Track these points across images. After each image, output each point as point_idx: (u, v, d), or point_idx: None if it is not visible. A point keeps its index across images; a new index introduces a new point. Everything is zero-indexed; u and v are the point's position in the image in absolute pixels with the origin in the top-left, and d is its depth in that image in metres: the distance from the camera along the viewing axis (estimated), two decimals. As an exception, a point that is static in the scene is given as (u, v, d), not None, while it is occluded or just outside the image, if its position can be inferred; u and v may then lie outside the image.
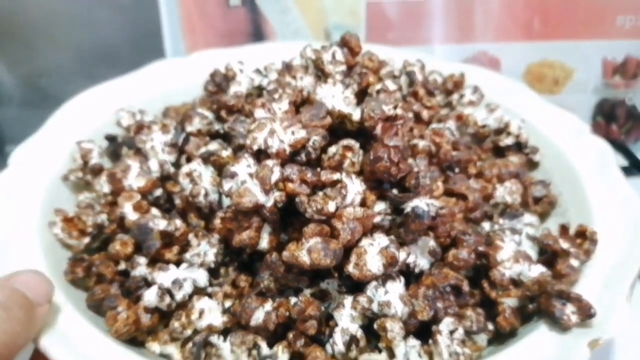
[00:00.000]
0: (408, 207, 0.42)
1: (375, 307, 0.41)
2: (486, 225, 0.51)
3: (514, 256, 0.44)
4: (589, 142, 0.61)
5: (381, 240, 0.42)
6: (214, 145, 0.53)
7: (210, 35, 0.85)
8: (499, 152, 0.62)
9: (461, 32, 0.89)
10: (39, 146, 0.59)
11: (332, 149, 0.47)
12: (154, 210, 0.51)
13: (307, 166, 0.45)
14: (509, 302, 0.44)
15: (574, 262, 0.46)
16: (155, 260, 0.46)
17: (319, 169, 0.46)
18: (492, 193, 0.53)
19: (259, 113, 0.47)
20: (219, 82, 0.60)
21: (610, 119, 0.96)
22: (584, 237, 0.48)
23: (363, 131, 0.48)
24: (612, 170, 0.57)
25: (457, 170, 0.52)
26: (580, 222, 0.52)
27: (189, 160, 0.55)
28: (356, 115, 0.47)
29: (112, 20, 0.88)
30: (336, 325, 0.41)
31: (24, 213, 0.52)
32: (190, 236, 0.47)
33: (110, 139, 0.64)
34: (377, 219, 0.42)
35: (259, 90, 0.60)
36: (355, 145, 0.46)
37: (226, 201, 0.49)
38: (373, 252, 0.41)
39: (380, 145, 0.42)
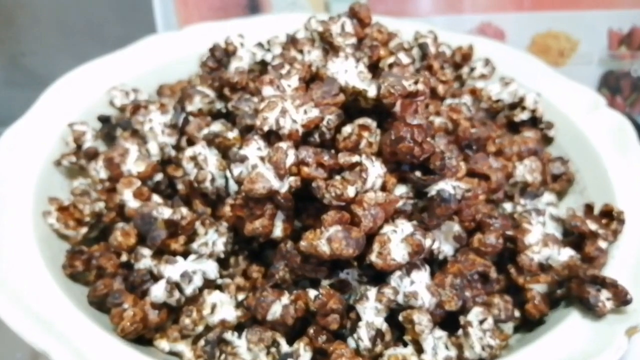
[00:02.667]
0: (433, 190, 0.39)
1: (400, 298, 0.38)
2: (508, 206, 0.48)
3: (543, 240, 0.42)
4: (605, 116, 0.59)
5: (404, 226, 0.39)
6: (217, 126, 0.50)
7: (204, 9, 0.81)
8: (513, 127, 0.60)
9: (464, 3, 0.86)
10: (28, 129, 0.55)
11: (347, 129, 0.44)
12: (155, 197, 0.48)
13: (321, 148, 0.42)
14: (537, 288, 0.42)
15: (603, 244, 0.43)
16: (161, 252, 0.44)
17: (333, 151, 0.43)
18: (512, 172, 0.50)
19: (267, 91, 0.44)
20: (220, 58, 0.56)
21: (615, 91, 0.93)
22: (609, 217, 0.46)
23: (379, 109, 0.45)
24: (631, 145, 0.55)
25: (474, 148, 0.49)
26: (602, 200, 0.50)
27: (190, 142, 0.52)
28: (372, 91, 0.44)
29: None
30: (359, 318, 0.38)
31: (15, 202, 0.48)
32: (197, 224, 0.44)
33: (104, 120, 0.60)
34: (399, 204, 0.39)
35: (262, 66, 0.56)
36: (372, 124, 0.43)
37: (233, 186, 0.46)
38: (397, 240, 0.38)
39: (403, 124, 0.39)
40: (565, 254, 0.42)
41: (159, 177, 0.50)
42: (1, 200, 0.48)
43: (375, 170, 0.39)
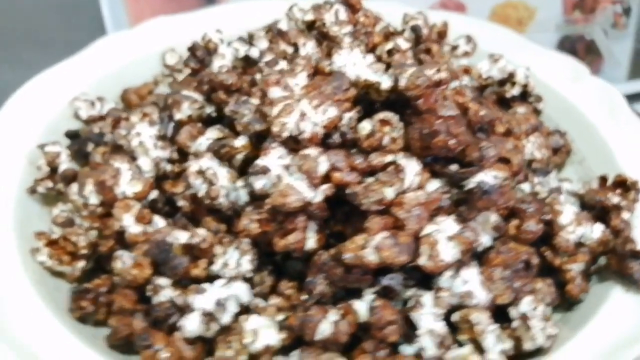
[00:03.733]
0: (471, 182, 0.38)
1: (455, 300, 0.36)
2: (525, 187, 0.47)
3: (576, 219, 0.41)
4: (592, 85, 0.59)
5: (446, 224, 0.37)
6: (213, 133, 0.46)
7: (156, 2, 0.75)
8: (503, 103, 0.59)
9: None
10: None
11: (366, 125, 0.41)
12: (157, 218, 0.44)
13: (343, 148, 0.39)
14: (576, 267, 0.41)
15: (626, 216, 0.44)
16: (180, 280, 0.39)
17: (354, 150, 0.40)
18: (523, 150, 0.50)
19: (275, 92, 0.40)
20: (202, 57, 0.51)
21: (571, 55, 0.96)
22: (624, 187, 0.46)
23: (391, 102, 0.42)
24: (623, 111, 0.56)
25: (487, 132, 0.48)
26: (604, 169, 0.51)
27: (181, 153, 0.47)
28: (385, 83, 0.41)
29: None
30: (415, 327, 0.36)
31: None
32: (215, 245, 0.41)
33: (72, 135, 0.55)
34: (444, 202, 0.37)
35: (245, 62, 0.52)
36: (394, 118, 0.40)
37: (243, 197, 0.42)
38: (444, 240, 0.36)
39: (434, 117, 0.37)
40: (597, 231, 0.42)
41: (153, 194, 0.46)
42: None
43: (412, 169, 0.37)
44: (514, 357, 0.38)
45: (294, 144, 0.39)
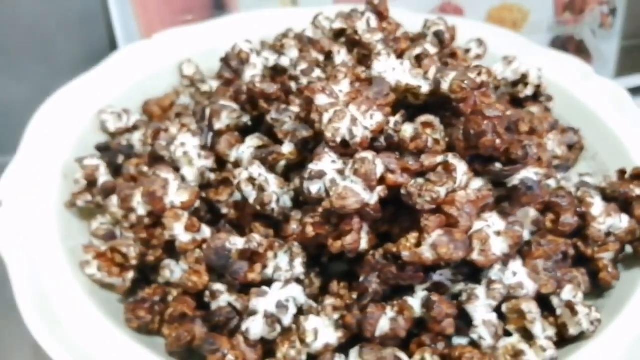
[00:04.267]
0: (515, 180, 0.40)
1: (505, 291, 0.38)
2: (551, 183, 0.50)
3: (606, 210, 0.44)
4: (598, 83, 0.63)
5: (493, 220, 0.39)
6: (253, 141, 0.47)
7: (166, 13, 0.75)
8: (516, 103, 0.62)
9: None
10: (24, 174, 0.49)
11: (408, 129, 0.43)
12: (204, 227, 0.45)
13: (389, 151, 0.41)
14: (607, 256, 0.44)
15: (648, 206, 0.46)
16: (234, 285, 0.41)
17: (397, 153, 0.42)
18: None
19: (321, 99, 0.42)
20: (236, 68, 0.52)
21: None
22: (640, 179, 0.49)
23: (428, 105, 0.44)
24: (630, 108, 0.59)
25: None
26: (617, 163, 0.54)
27: (220, 162, 0.48)
28: (425, 87, 0.43)
29: (45, 11, 0.74)
30: (470, 319, 0.38)
31: (47, 259, 0.43)
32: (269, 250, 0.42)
33: (103, 148, 0.55)
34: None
35: (274, 71, 0.54)
36: (435, 120, 0.42)
37: (287, 203, 0.44)
38: (493, 235, 0.38)
39: (481, 118, 0.39)
40: (625, 221, 0.44)
41: (196, 203, 0.47)
42: (32, 261, 0.42)
43: (461, 168, 0.39)
44: (555, 344, 0.40)
45: (343, 149, 0.40)
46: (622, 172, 0.50)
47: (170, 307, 0.41)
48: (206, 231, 0.45)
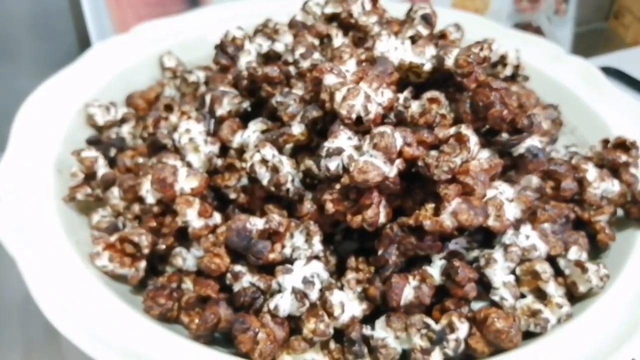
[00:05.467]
0: (521, 148, 0.42)
1: (520, 253, 0.40)
2: (543, 154, 0.52)
3: (599, 175, 0.47)
4: (570, 62, 0.66)
5: (504, 187, 0.41)
6: (257, 125, 0.47)
7: (139, 5, 0.74)
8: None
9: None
10: (18, 169, 0.47)
11: (413, 105, 0.44)
12: (215, 213, 0.44)
13: (399, 126, 0.42)
14: (603, 218, 0.46)
15: (634, 171, 0.49)
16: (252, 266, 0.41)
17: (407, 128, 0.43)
18: (534, 122, 0.54)
19: (330, 79, 0.42)
20: (233, 54, 0.52)
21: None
22: (624, 148, 0.52)
23: (430, 82, 0.46)
24: (603, 83, 0.62)
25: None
26: (597, 135, 0.57)
27: (223, 148, 0.48)
28: (427, 65, 0.45)
29: (8, 7, 0.71)
30: (490, 282, 0.39)
31: (56, 253, 0.42)
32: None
33: (95, 142, 0.54)
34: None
35: (265, 58, 0.54)
36: (441, 96, 0.44)
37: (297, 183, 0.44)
38: (506, 201, 0.40)
39: (488, 90, 0.41)
40: (616, 185, 0.47)
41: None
42: (42, 255, 0.40)
43: (474, 139, 0.40)
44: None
45: (355, 126, 0.41)
46: (605, 142, 0.53)
47: (189, 293, 0.41)
48: (217, 217, 0.44)
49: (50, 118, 0.54)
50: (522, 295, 0.41)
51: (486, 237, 0.42)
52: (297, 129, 0.44)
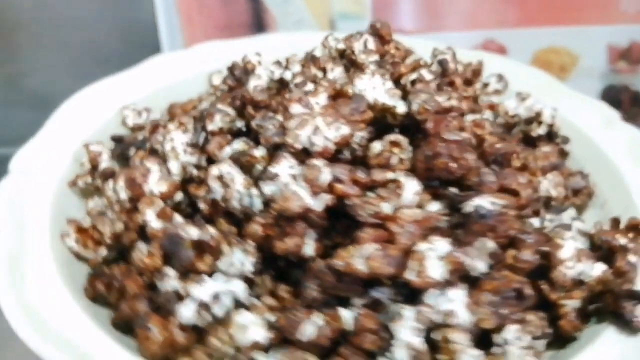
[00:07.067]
0: (469, 206, 0.39)
1: (437, 317, 0.37)
2: (535, 222, 0.48)
3: (577, 254, 0.42)
4: (621, 130, 0.60)
5: (440, 244, 0.38)
6: (239, 144, 0.49)
7: (209, 27, 0.81)
8: (529, 142, 0.60)
9: (468, 19, 0.87)
10: (40, 150, 0.54)
11: (376, 145, 0.43)
12: (177, 217, 0.47)
13: (353, 165, 0.42)
14: (571, 303, 0.41)
15: (633, 259, 0.43)
16: (186, 272, 0.42)
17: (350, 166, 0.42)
18: (537, 187, 0.50)
19: (296, 108, 0.44)
20: (239, 76, 0.55)
21: (615, 105, 0.94)
22: (636, 231, 0.46)
23: (406, 126, 0.45)
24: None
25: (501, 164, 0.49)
26: (624, 214, 0.50)
27: (210, 161, 0.51)
28: (400, 107, 0.44)
29: (102, 16, 0.82)
30: (392, 338, 0.37)
31: (32, 224, 0.47)
32: (223, 244, 0.43)
33: (117, 140, 0.60)
34: (441, 223, 0.39)
35: (280, 84, 0.56)
36: (404, 140, 0.43)
37: (257, 204, 0.45)
38: (434, 258, 0.38)
39: (438, 140, 0.39)
40: (598, 269, 0.42)
41: (179, 196, 0.49)
42: (19, 223, 0.46)
43: (412, 187, 0.39)
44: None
45: (305, 157, 0.41)
46: (615, 221, 0.48)
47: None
48: (179, 221, 0.47)
49: (89, 114, 0.61)
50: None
51: (414, 293, 0.39)
52: (259, 152, 0.45)
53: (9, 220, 0.46)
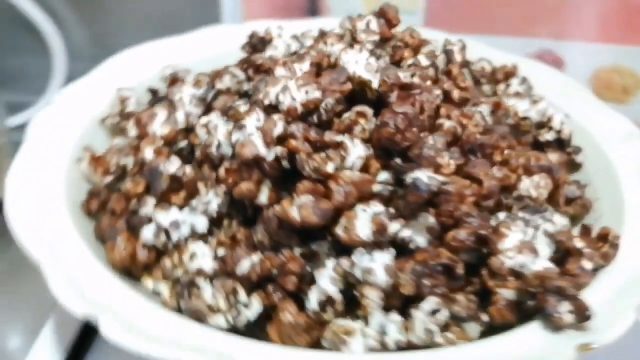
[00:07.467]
0: (409, 177, 0.41)
1: (358, 273, 0.40)
2: (502, 216, 0.48)
3: (519, 246, 0.42)
4: (637, 147, 0.57)
5: (376, 208, 0.41)
6: (238, 103, 0.54)
7: (269, 7, 0.87)
8: (538, 147, 0.59)
9: (525, 24, 0.85)
10: (83, 89, 0.63)
11: (346, 114, 0.46)
12: (174, 159, 0.53)
13: (318, 127, 0.45)
14: (505, 293, 0.41)
15: (587, 264, 0.42)
16: (162, 202, 0.48)
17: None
18: (516, 184, 0.50)
19: (279, 71, 0.47)
20: (255, 44, 0.60)
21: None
22: (605, 240, 0.45)
23: (381, 100, 0.47)
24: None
25: (478, 154, 0.49)
26: (617, 229, 0.49)
27: (212, 115, 0.56)
28: (375, 82, 0.46)
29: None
30: (314, 284, 0.40)
31: (58, 148, 0.55)
32: (200, 185, 0.48)
33: (153, 92, 0.67)
34: (377, 188, 0.41)
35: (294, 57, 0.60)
36: (369, 111, 0.45)
37: (228, 152, 0.49)
38: (364, 218, 0.40)
39: (388, 112, 0.41)
40: (540, 264, 0.41)
41: (183, 143, 0.55)
42: (47, 145, 0.54)
43: (357, 152, 0.41)
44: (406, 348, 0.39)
45: (274, 113, 0.45)
46: (585, 227, 0.47)
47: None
48: (175, 163, 0.53)
49: (135, 68, 0.68)
50: (357, 317, 0.40)
51: (347, 251, 0.42)
52: (243, 107, 0.50)
53: (39, 142, 0.54)
